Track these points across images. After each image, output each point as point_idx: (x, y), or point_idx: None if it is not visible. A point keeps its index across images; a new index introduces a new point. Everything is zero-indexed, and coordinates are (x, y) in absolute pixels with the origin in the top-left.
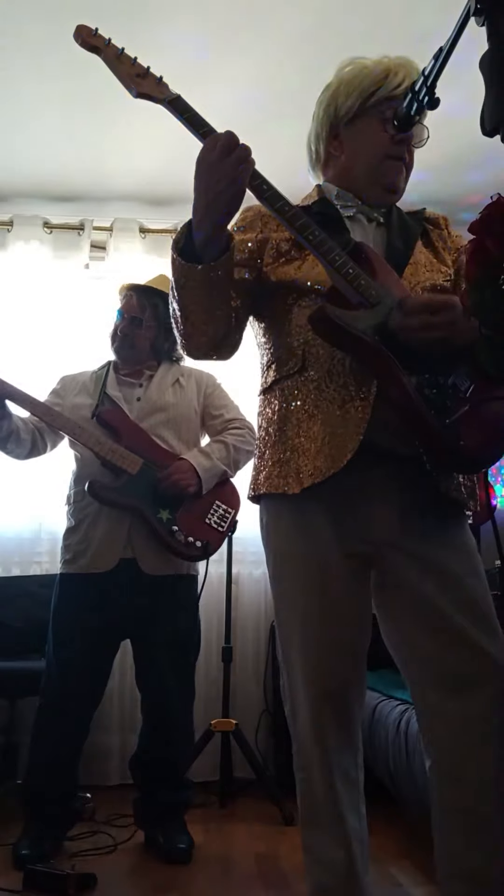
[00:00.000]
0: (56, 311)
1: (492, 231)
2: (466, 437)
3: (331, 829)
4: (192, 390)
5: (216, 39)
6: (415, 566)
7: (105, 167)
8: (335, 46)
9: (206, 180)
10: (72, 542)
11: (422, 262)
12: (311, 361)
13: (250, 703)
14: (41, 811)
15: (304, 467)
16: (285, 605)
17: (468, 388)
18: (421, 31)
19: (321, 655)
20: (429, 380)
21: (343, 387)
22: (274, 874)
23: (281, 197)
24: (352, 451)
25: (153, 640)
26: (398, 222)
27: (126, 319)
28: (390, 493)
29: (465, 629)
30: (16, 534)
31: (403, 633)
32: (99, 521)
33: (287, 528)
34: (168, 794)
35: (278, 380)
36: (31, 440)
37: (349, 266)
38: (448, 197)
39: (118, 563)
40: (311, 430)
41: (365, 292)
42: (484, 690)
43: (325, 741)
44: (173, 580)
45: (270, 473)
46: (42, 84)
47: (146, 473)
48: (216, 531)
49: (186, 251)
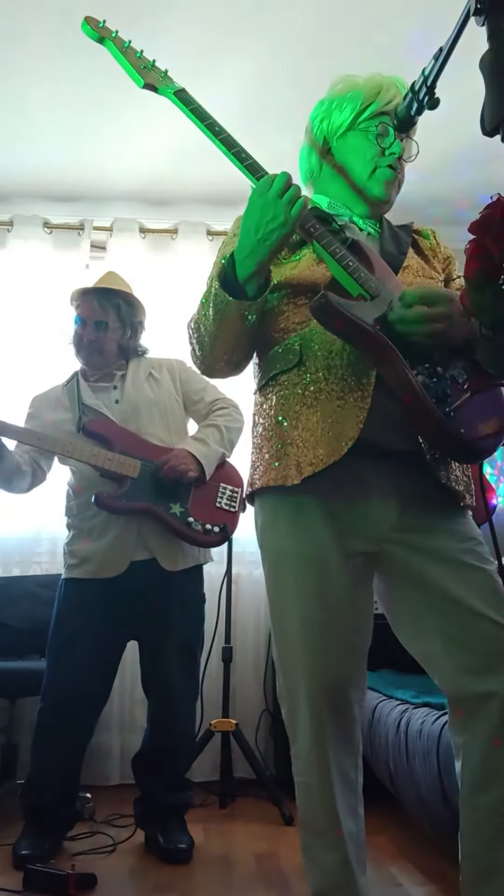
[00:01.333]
0: (56, 311)
1: (491, 231)
2: (466, 425)
3: (327, 833)
4: (167, 380)
5: (215, 39)
6: (419, 558)
7: (105, 167)
8: (334, 46)
9: (259, 218)
10: (77, 548)
11: (414, 267)
12: (308, 356)
13: (250, 703)
14: (41, 812)
15: (303, 458)
16: (283, 606)
17: (466, 380)
18: (420, 31)
19: (321, 656)
20: (428, 369)
21: (341, 379)
22: (274, 874)
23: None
24: (351, 439)
25: (163, 643)
26: (389, 233)
27: (90, 325)
28: (388, 489)
29: (481, 609)
30: (16, 534)
31: (420, 626)
32: (108, 531)
33: (285, 527)
34: (169, 794)
35: (275, 375)
36: (31, 472)
37: (349, 259)
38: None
39: (129, 567)
40: (310, 421)
41: (364, 284)
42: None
43: (325, 743)
44: (183, 576)
45: (268, 468)
46: (42, 84)
47: (147, 473)
48: (229, 513)
49: (228, 283)
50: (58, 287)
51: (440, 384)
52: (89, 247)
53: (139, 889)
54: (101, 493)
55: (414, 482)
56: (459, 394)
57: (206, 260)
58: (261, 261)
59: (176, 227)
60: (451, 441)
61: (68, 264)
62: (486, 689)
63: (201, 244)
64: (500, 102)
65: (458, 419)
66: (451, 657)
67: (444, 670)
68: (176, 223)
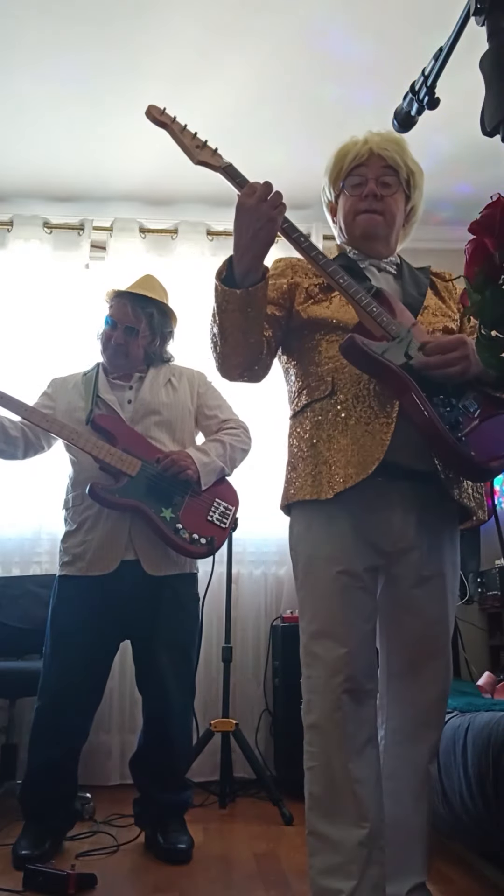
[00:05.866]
0: (56, 311)
1: (492, 231)
2: (477, 449)
3: (350, 809)
4: (185, 390)
5: (214, 37)
6: (415, 585)
7: (105, 167)
8: (330, 49)
9: (247, 221)
10: (70, 544)
11: (432, 309)
12: (340, 387)
13: (250, 703)
14: (40, 812)
15: (335, 475)
16: (312, 603)
17: (477, 409)
18: (420, 31)
19: (343, 650)
20: (443, 400)
21: (369, 407)
22: (274, 874)
23: (315, 247)
24: (377, 460)
25: (154, 642)
26: (409, 275)
27: (120, 329)
28: (410, 507)
29: (435, 624)
30: (16, 534)
31: (387, 628)
32: (98, 525)
33: (317, 534)
34: (168, 794)
35: (309, 403)
36: (22, 438)
37: (373, 305)
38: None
39: (119, 566)
40: (341, 444)
41: (387, 327)
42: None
43: (343, 731)
44: (174, 579)
45: (304, 484)
46: (42, 84)
47: (145, 474)
48: (219, 528)
49: (228, 281)
50: (58, 287)
51: (453, 413)
52: (89, 247)
53: (139, 889)
54: (96, 484)
55: (432, 503)
56: (470, 421)
57: (206, 260)
58: (255, 255)
59: (176, 227)
60: (463, 462)
61: (68, 264)
62: (419, 740)
63: (201, 244)
64: (500, 102)
65: (470, 443)
66: (400, 702)
67: (392, 708)
68: (176, 223)
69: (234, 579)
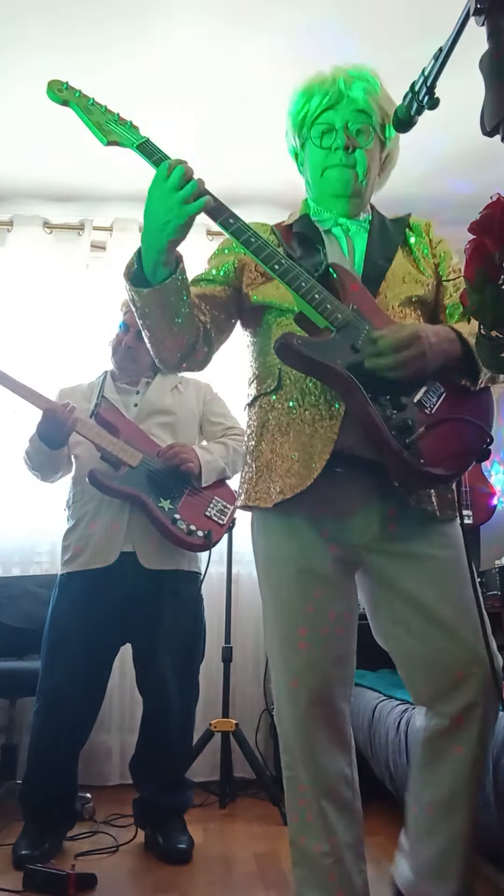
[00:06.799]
0: (56, 311)
1: (491, 231)
2: (427, 456)
3: (315, 822)
4: (191, 396)
5: (214, 38)
6: (397, 564)
7: (105, 167)
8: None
9: (156, 209)
10: (71, 540)
11: (400, 275)
12: (286, 381)
13: (250, 703)
14: (40, 812)
15: (274, 484)
16: (271, 607)
17: (435, 402)
18: (420, 31)
19: (305, 655)
20: (391, 401)
21: (314, 406)
22: (274, 874)
23: (246, 230)
24: (318, 470)
25: (155, 644)
26: (379, 233)
27: (133, 333)
28: (372, 499)
29: (452, 627)
30: (16, 534)
31: (391, 630)
32: (98, 516)
33: (274, 532)
34: (168, 795)
35: (257, 396)
36: (68, 459)
37: (314, 292)
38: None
39: (119, 558)
40: (283, 447)
41: (330, 317)
42: (470, 683)
43: (311, 738)
44: (174, 577)
45: (251, 486)
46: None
47: (146, 467)
48: (216, 524)
49: (138, 275)
50: (58, 287)
51: (404, 414)
52: (89, 247)
53: (139, 889)
54: (96, 469)
55: (395, 492)
56: (424, 419)
57: (206, 260)
58: (162, 249)
59: None
60: (410, 471)
61: (68, 264)
62: (454, 710)
63: (201, 244)
64: (501, 102)
65: (420, 449)
66: (412, 667)
67: (406, 676)
68: None
69: (234, 579)
